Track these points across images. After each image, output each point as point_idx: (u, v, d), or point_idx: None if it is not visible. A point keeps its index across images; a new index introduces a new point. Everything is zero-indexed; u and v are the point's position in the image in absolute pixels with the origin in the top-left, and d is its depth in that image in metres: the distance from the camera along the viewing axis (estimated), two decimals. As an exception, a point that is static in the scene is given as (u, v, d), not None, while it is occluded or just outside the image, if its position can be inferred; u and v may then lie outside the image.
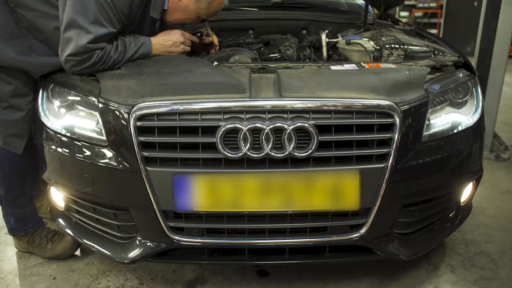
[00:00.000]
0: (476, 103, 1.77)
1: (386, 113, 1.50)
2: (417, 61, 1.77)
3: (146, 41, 1.74)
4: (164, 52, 1.79)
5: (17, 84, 1.75)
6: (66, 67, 1.62)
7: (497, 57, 3.16)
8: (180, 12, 1.78)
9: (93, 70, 1.62)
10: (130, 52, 1.68)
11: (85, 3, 1.54)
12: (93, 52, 1.57)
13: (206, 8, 1.77)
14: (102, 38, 1.58)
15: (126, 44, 1.68)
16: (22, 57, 1.69)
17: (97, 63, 1.60)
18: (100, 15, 1.55)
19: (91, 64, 1.59)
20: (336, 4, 3.05)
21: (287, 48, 2.12)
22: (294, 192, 1.51)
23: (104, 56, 1.60)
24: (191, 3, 1.74)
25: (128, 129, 1.49)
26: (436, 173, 1.65)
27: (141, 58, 1.73)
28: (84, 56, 1.57)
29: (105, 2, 1.55)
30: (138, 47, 1.71)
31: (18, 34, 1.68)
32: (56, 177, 1.71)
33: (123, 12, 1.62)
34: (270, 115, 1.46)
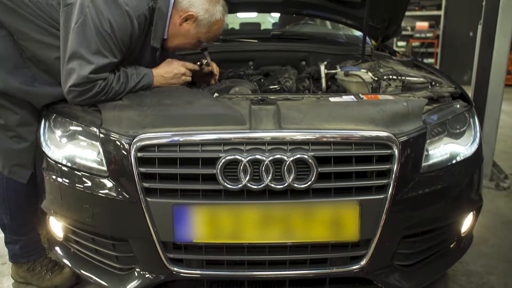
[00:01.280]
0: (474, 133, 1.79)
1: (384, 144, 1.51)
2: (414, 92, 1.80)
3: (148, 73, 1.76)
4: (165, 84, 1.81)
5: (23, 113, 1.77)
6: (69, 98, 1.64)
7: (494, 86, 3.20)
8: (181, 37, 1.80)
9: (95, 100, 1.64)
10: (132, 83, 1.71)
11: (86, 35, 1.56)
12: (95, 83, 1.59)
13: (207, 32, 1.80)
14: (103, 68, 1.60)
15: (128, 75, 1.70)
16: (25, 87, 1.71)
17: (99, 94, 1.62)
18: (101, 46, 1.58)
19: (93, 95, 1.61)
20: (335, 35, 3.13)
21: (286, 79, 2.16)
22: (293, 223, 1.51)
23: (106, 87, 1.62)
24: (191, 28, 1.77)
25: (129, 159, 1.50)
26: (436, 204, 1.65)
27: (143, 89, 1.75)
28: (86, 87, 1.59)
29: (106, 33, 1.57)
30: (139, 78, 1.73)
31: (21, 65, 1.71)
32: (56, 207, 1.71)
33: (123, 42, 1.64)
34: (269, 147, 1.48)
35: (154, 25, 1.73)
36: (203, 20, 1.76)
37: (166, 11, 1.73)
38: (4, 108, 1.74)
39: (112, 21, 1.58)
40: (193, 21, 1.76)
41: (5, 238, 1.98)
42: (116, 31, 1.59)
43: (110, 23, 1.57)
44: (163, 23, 1.74)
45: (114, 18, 1.58)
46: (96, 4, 1.57)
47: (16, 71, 1.70)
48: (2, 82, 1.68)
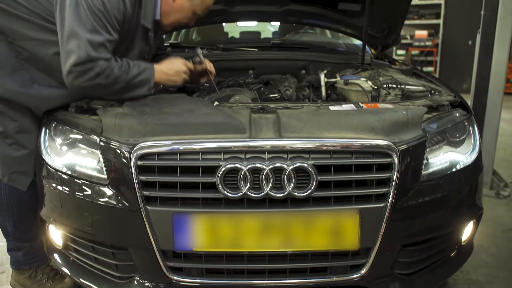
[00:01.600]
0: (474, 142, 1.79)
1: (384, 153, 1.51)
2: (414, 101, 1.80)
3: (149, 67, 1.76)
4: (167, 80, 1.83)
5: (21, 120, 1.77)
6: (69, 80, 1.61)
7: (493, 95, 3.21)
8: (176, 13, 1.82)
9: (95, 84, 1.61)
10: (133, 73, 1.69)
11: (80, 15, 1.57)
12: (96, 62, 1.58)
13: (200, 3, 1.82)
14: (101, 46, 1.60)
15: (130, 65, 1.70)
16: (24, 90, 1.71)
17: (99, 75, 1.59)
18: (96, 23, 1.58)
19: (93, 76, 1.59)
20: (334, 44, 3.14)
21: (286, 88, 2.16)
22: (293, 232, 1.51)
23: (107, 70, 1.61)
24: (185, 1, 1.79)
25: (129, 168, 1.50)
26: (436, 212, 1.65)
27: (143, 83, 1.73)
28: (87, 66, 1.57)
29: (99, 11, 1.59)
30: (141, 70, 1.72)
31: (19, 67, 1.71)
32: (55, 215, 1.71)
33: (117, 19, 1.64)
34: (269, 155, 1.48)
35: (144, 5, 1.74)
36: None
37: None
38: (2, 115, 1.75)
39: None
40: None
41: (8, 245, 1.97)
42: (109, 9, 1.61)
43: (102, 1, 1.59)
44: (152, 3, 1.76)
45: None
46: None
47: (14, 73, 1.70)
48: (1, 87, 1.69)
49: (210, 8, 1.91)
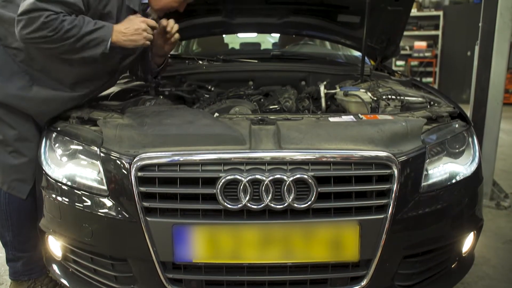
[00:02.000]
0: (473, 153, 1.79)
1: (384, 164, 1.52)
2: (413, 112, 1.81)
3: (107, 26, 1.65)
4: (126, 40, 1.69)
5: (20, 128, 1.78)
6: (17, 31, 1.56)
7: (492, 105, 3.22)
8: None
9: (42, 36, 1.55)
10: (87, 29, 1.60)
11: None
12: (42, 12, 1.52)
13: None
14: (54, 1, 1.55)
15: (84, 21, 1.61)
16: (23, 93, 1.72)
17: (46, 26, 1.53)
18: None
19: (39, 25, 1.53)
20: (334, 56, 3.16)
21: (286, 99, 2.18)
22: (293, 243, 1.51)
23: (55, 21, 1.54)
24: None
25: (129, 179, 1.50)
26: (436, 224, 1.65)
27: (98, 42, 1.63)
28: (33, 15, 1.52)
29: None
30: (96, 27, 1.62)
31: (16, 70, 1.72)
32: (55, 225, 1.70)
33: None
34: (269, 167, 1.48)
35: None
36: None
37: None
38: (1, 122, 1.76)
39: None
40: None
41: (7, 256, 1.96)
42: None
43: None
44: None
45: None
46: None
47: (13, 77, 1.71)
48: (0, 92, 1.70)
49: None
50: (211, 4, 2.32)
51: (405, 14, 2.42)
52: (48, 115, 1.81)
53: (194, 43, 3.52)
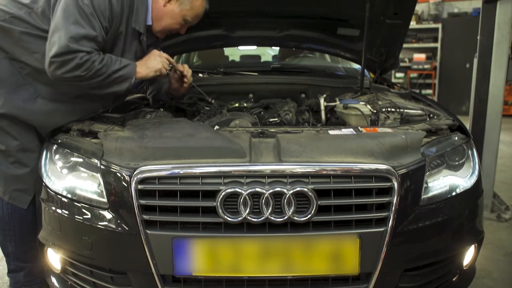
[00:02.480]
0: (473, 165, 1.79)
1: (384, 177, 1.52)
2: (413, 125, 1.82)
3: (132, 63, 1.78)
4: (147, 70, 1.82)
5: (22, 139, 1.79)
6: (50, 71, 1.64)
7: (491, 118, 3.23)
8: (167, 18, 1.87)
9: (75, 76, 1.63)
10: (114, 67, 1.71)
11: (67, 10, 1.62)
12: (76, 54, 1.60)
13: (190, 9, 1.87)
14: (82, 38, 1.62)
15: (112, 60, 1.72)
16: (28, 105, 1.74)
17: (80, 67, 1.61)
18: (80, 17, 1.63)
19: (74, 67, 1.61)
20: (334, 68, 3.18)
21: (286, 112, 2.18)
22: (294, 256, 1.50)
23: (88, 62, 1.62)
24: (175, 7, 1.85)
25: (129, 192, 1.51)
26: (437, 236, 1.65)
27: (124, 79, 1.74)
28: (67, 57, 1.59)
29: (84, 5, 1.63)
30: (122, 65, 1.74)
31: (22, 82, 1.75)
32: (54, 238, 1.70)
33: (103, 15, 1.68)
34: (269, 180, 1.49)
35: (135, 9, 1.79)
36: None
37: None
38: (4, 133, 1.77)
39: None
40: (176, 0, 1.84)
41: (8, 267, 1.96)
42: (95, 5, 1.65)
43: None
44: (143, 8, 1.81)
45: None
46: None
47: (18, 89, 1.74)
48: (6, 104, 1.72)
49: (201, 16, 1.94)
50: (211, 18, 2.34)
51: (404, 27, 2.45)
52: (51, 127, 1.82)
53: (194, 56, 3.54)
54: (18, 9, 1.72)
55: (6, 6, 1.73)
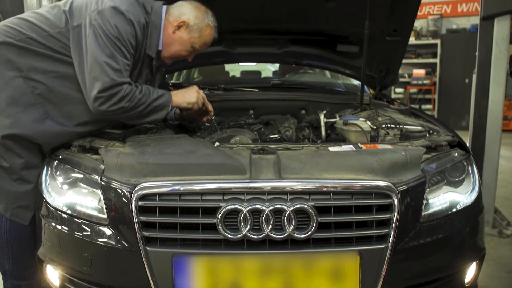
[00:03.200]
0: (473, 181, 1.79)
1: (384, 194, 1.52)
2: (412, 141, 1.82)
3: (167, 92, 1.89)
4: (183, 102, 1.93)
5: (28, 157, 1.80)
6: (95, 106, 1.70)
7: (491, 133, 3.25)
8: (176, 45, 1.91)
9: (120, 107, 1.70)
10: (153, 96, 1.81)
11: (99, 43, 1.68)
12: (121, 87, 1.68)
13: (199, 37, 1.92)
14: (121, 70, 1.70)
15: (150, 89, 1.82)
16: (37, 125, 1.76)
17: (124, 98, 1.70)
18: (114, 49, 1.69)
19: (119, 99, 1.69)
20: (334, 85, 3.20)
21: (286, 129, 2.19)
22: (294, 273, 1.50)
23: (130, 93, 1.71)
24: (184, 34, 1.89)
25: (130, 208, 1.51)
26: (438, 253, 1.64)
27: (162, 107, 1.84)
28: (113, 91, 1.67)
29: (114, 37, 1.69)
30: (159, 95, 1.84)
31: (33, 101, 1.76)
32: (53, 254, 1.69)
33: (131, 44, 1.75)
34: (270, 196, 1.49)
35: (149, 36, 1.85)
36: (194, 26, 1.89)
37: (159, 23, 1.87)
38: (10, 151, 1.77)
39: (119, 26, 1.70)
40: (185, 28, 1.89)
41: (5, 285, 1.94)
42: (123, 34, 1.71)
43: (117, 28, 1.70)
44: (156, 34, 1.86)
45: (120, 23, 1.71)
46: (101, 15, 1.70)
47: (29, 108, 1.75)
48: (15, 124, 1.73)
49: (209, 44, 2.00)
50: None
51: (403, 44, 2.47)
52: (55, 145, 1.84)
53: (195, 72, 3.57)
54: (33, 31, 1.75)
55: (21, 27, 1.76)
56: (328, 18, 2.45)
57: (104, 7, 1.71)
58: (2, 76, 1.73)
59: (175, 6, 1.92)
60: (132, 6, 1.77)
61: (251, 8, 2.34)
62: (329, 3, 2.31)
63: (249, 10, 2.35)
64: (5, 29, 1.76)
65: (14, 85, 1.74)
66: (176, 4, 1.93)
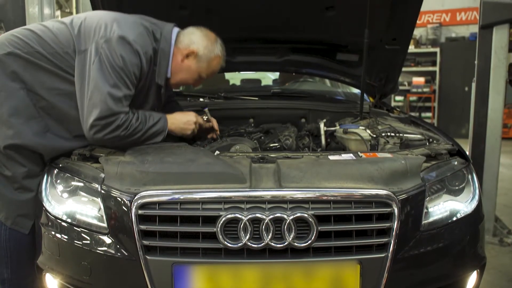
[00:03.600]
0: (473, 190, 1.79)
1: (384, 203, 1.52)
2: (412, 150, 1.83)
3: (163, 117, 1.87)
4: (177, 127, 1.92)
5: (30, 166, 1.80)
6: (91, 134, 1.70)
7: (491, 141, 3.26)
8: (184, 73, 1.92)
9: (115, 136, 1.70)
10: (149, 123, 1.80)
11: (103, 71, 1.68)
12: (117, 116, 1.68)
13: (207, 67, 1.92)
14: (122, 100, 1.70)
15: (146, 116, 1.80)
16: (37, 138, 1.76)
17: (120, 127, 1.69)
18: (117, 79, 1.69)
19: (114, 128, 1.68)
20: (333, 93, 3.21)
21: (286, 137, 2.20)
22: (294, 282, 1.49)
23: (127, 122, 1.70)
24: (192, 63, 1.89)
25: (130, 217, 1.51)
26: (438, 262, 1.64)
27: (158, 133, 1.83)
28: (109, 120, 1.67)
29: (119, 68, 1.69)
30: (156, 120, 1.83)
31: (35, 115, 1.77)
32: (53, 263, 1.69)
33: (135, 75, 1.75)
34: (270, 205, 1.49)
35: (158, 64, 1.85)
36: (203, 56, 1.89)
37: (168, 51, 1.86)
38: (13, 161, 1.77)
39: (125, 56, 1.70)
40: (194, 57, 1.89)
41: None
42: (128, 65, 1.71)
43: (122, 58, 1.70)
44: (166, 62, 1.87)
45: (126, 54, 1.71)
46: (108, 44, 1.70)
47: (30, 121, 1.76)
48: (17, 135, 1.74)
49: (216, 73, 2.01)
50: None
51: (403, 52, 2.49)
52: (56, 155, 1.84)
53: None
54: (40, 45, 1.76)
55: (29, 39, 1.77)
56: (327, 27, 2.46)
57: (112, 36, 1.71)
58: (6, 87, 1.73)
59: (185, 33, 1.91)
60: (141, 36, 1.77)
61: (251, 17, 2.35)
62: (328, 12, 2.33)
63: (249, 19, 2.36)
64: (14, 40, 1.77)
65: (17, 96, 1.74)
66: (186, 31, 1.92)
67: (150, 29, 1.83)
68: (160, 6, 2.24)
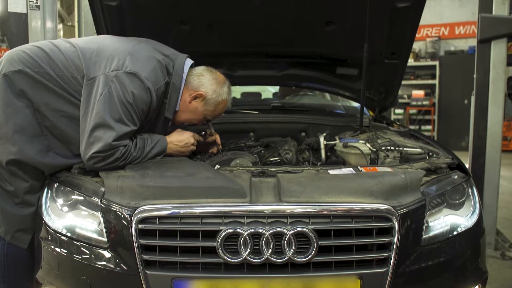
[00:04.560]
0: (473, 204, 1.79)
1: (384, 217, 1.52)
2: (412, 164, 1.83)
3: (161, 139, 1.86)
4: (175, 151, 1.91)
5: (32, 181, 1.81)
6: (89, 164, 1.69)
7: (491, 155, 3.26)
8: (189, 113, 1.93)
9: (114, 165, 1.69)
10: (147, 148, 1.79)
11: (111, 105, 1.68)
12: (117, 149, 1.68)
13: (213, 110, 1.94)
14: (125, 135, 1.70)
15: (144, 142, 1.80)
16: (40, 157, 1.77)
17: (119, 159, 1.69)
18: (124, 115, 1.69)
19: (113, 160, 1.68)
20: (333, 107, 3.23)
21: (286, 151, 2.20)
22: (294, 298, 1.48)
23: (126, 153, 1.70)
24: (199, 105, 1.90)
25: (129, 231, 1.50)
26: (439, 277, 1.62)
27: (157, 155, 1.82)
28: (109, 153, 1.66)
29: (128, 104, 1.69)
30: (154, 144, 1.82)
31: (39, 133, 1.78)
32: (52, 278, 1.68)
33: (143, 112, 1.76)
34: (270, 220, 1.49)
35: (169, 98, 1.86)
36: (210, 100, 1.90)
37: (179, 85, 1.87)
38: (16, 176, 1.78)
39: (135, 93, 1.70)
40: (202, 100, 1.90)
41: None
42: (138, 102, 1.72)
43: (133, 94, 1.70)
44: (176, 96, 1.88)
45: (137, 91, 1.71)
46: (120, 78, 1.70)
47: (33, 139, 1.77)
48: (20, 152, 1.74)
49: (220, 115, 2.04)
50: (213, 58, 2.40)
51: (402, 66, 2.51)
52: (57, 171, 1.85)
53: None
54: (50, 66, 1.76)
55: (39, 58, 1.77)
56: (327, 41, 2.49)
57: (124, 71, 1.72)
58: (13, 104, 1.74)
59: (195, 74, 1.91)
60: (153, 73, 1.77)
61: (251, 32, 2.38)
62: (328, 27, 2.36)
63: (250, 34, 2.39)
64: (25, 57, 1.76)
65: (23, 114, 1.75)
66: (197, 72, 1.92)
67: (164, 63, 1.83)
68: (162, 22, 2.26)
